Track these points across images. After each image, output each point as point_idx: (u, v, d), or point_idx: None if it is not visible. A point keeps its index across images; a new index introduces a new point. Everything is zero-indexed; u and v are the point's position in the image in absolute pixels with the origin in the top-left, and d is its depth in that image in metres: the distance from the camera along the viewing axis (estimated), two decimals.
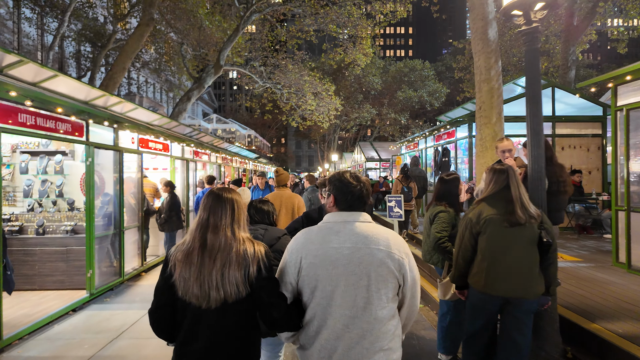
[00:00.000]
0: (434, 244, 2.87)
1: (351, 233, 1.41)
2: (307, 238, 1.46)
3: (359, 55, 15.54)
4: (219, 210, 1.45)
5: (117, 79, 11.83)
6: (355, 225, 1.44)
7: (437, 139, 9.12)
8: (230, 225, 1.44)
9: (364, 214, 1.50)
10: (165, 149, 7.04)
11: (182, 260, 1.39)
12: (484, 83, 5.68)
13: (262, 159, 30.45)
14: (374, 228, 1.45)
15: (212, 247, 1.40)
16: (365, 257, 1.37)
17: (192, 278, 1.36)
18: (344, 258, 1.37)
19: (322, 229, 1.46)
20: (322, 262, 1.38)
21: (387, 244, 1.40)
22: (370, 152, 17.38)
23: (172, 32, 15.82)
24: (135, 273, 5.80)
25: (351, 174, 1.55)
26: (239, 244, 1.41)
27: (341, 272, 1.37)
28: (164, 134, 6.61)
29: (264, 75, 16.17)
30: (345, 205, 1.49)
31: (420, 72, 31.85)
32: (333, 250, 1.39)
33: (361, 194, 1.49)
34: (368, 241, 1.40)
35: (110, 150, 5.23)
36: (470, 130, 7.34)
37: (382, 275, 1.37)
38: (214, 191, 1.51)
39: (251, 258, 1.39)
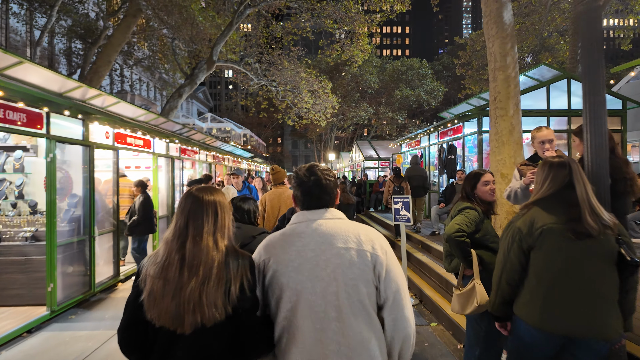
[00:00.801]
0: (448, 236, 2.25)
1: (315, 233, 1.25)
2: (269, 243, 1.30)
3: (357, 51, 15.15)
4: (199, 216, 1.23)
5: (102, 72, 11.18)
6: (319, 223, 1.27)
7: (442, 136, 8.56)
8: (213, 233, 1.23)
9: (330, 210, 1.31)
10: (147, 146, 6.41)
11: (156, 275, 1.17)
12: (499, 71, 5.11)
13: (257, 158, 29.90)
14: (343, 224, 1.27)
15: (192, 260, 1.18)
16: (331, 258, 1.20)
17: (166, 298, 1.15)
18: (307, 262, 1.21)
19: (286, 232, 1.30)
20: (285, 268, 1.22)
21: (358, 240, 1.23)
22: (369, 150, 16.80)
23: (164, 29, 15.23)
24: (109, 283, 5.17)
25: (311, 166, 1.37)
26: (221, 257, 1.20)
27: (306, 277, 1.20)
28: (143, 128, 5.98)
29: (259, 72, 15.73)
30: (305, 203, 1.32)
31: (418, 70, 31.62)
32: (295, 253, 1.23)
33: (321, 188, 1.31)
34: (334, 239, 1.23)
35: (78, 145, 4.60)
36: (479, 125, 6.78)
37: (352, 279, 1.19)
38: (192, 192, 1.29)
39: (234, 274, 1.18)
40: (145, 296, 1.16)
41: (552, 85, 6.81)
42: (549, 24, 14.14)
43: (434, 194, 9.13)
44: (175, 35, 15.45)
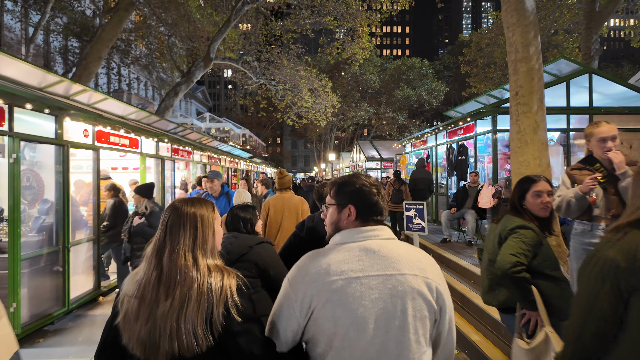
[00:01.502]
0: (503, 272, 1.74)
1: (377, 255, 1.05)
2: (317, 266, 1.06)
3: (358, 49, 14.81)
4: (176, 230, 1.09)
5: (92, 69, 10.66)
6: (382, 244, 1.07)
7: (451, 135, 8.05)
8: (192, 249, 1.07)
9: (386, 229, 1.13)
10: (134, 145, 5.89)
11: (132, 294, 1.05)
12: (520, 63, 4.60)
13: (256, 158, 29.44)
14: (402, 247, 1.09)
15: (168, 280, 1.04)
16: (398, 287, 1.01)
17: (140, 320, 1.01)
18: (371, 291, 1.01)
19: (338, 253, 1.07)
20: (343, 299, 1.00)
21: (421, 267, 1.05)
22: (371, 151, 16.29)
23: (161, 26, 14.89)
24: (88, 298, 4.65)
25: (367, 176, 1.20)
26: (201, 277, 1.04)
27: (369, 310, 1.00)
28: (127, 125, 5.46)
29: (257, 71, 15.37)
30: (367, 217, 1.12)
31: (419, 70, 31.46)
32: (357, 281, 1.01)
33: (380, 202, 1.14)
34: (400, 265, 1.04)
35: (50, 144, 4.08)
36: (494, 124, 6.27)
37: (419, 310, 1.01)
38: (173, 204, 1.16)
39: (216, 297, 1.02)
40: (121, 318, 1.05)
41: (571, 80, 6.31)
42: (556, 20, 13.66)
43: (442, 197, 8.62)
44: (172, 32, 15.13)
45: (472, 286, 4.26)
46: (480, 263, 2.22)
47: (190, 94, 43.85)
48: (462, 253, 5.46)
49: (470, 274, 4.49)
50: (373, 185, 1.16)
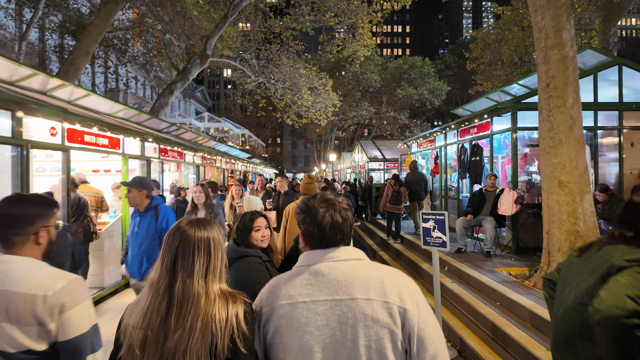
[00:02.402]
0: (607, 319, 1.12)
1: (327, 280, 0.97)
2: (272, 291, 1.03)
3: (359, 47, 14.43)
4: (189, 255, 1.04)
5: (79, 64, 10.05)
6: (332, 266, 0.99)
7: (462, 134, 7.45)
8: (205, 276, 1.04)
9: (346, 249, 1.04)
10: (114, 145, 5.29)
11: (137, 325, 0.99)
12: (552, 50, 4.00)
13: (255, 159, 28.89)
14: (362, 268, 0.99)
15: (180, 308, 0.99)
16: (348, 313, 0.93)
17: (147, 353, 0.96)
18: (318, 318, 0.94)
19: (291, 276, 1.03)
20: (290, 325, 0.95)
21: (382, 289, 0.94)
22: (373, 151, 15.67)
23: (158, 24, 14.50)
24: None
25: (321, 196, 1.10)
26: (209, 305, 0.99)
27: (315, 338, 0.93)
28: (101, 123, 4.87)
29: (256, 69, 14.95)
30: (316, 242, 1.05)
31: (421, 69, 31.09)
32: (303, 306, 0.96)
33: (334, 224, 1.04)
34: (352, 289, 0.95)
35: (4, 144, 3.48)
36: (514, 121, 5.67)
37: (375, 341, 0.90)
38: (182, 227, 1.07)
39: (221, 327, 0.96)
40: (124, 352, 0.99)
41: (599, 73, 5.71)
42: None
43: (452, 201, 8.01)
44: (168, 28, 14.73)
45: (500, 310, 3.65)
46: (549, 302, 1.60)
47: (190, 93, 43.47)
48: (482, 266, 4.86)
49: (496, 294, 3.89)
50: (321, 207, 1.06)
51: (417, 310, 0.93)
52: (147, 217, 2.95)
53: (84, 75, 23.92)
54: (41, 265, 1.25)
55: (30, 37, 15.06)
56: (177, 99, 41.35)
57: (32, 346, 1.14)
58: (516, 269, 4.72)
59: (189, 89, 44.05)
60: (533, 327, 3.18)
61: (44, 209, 1.31)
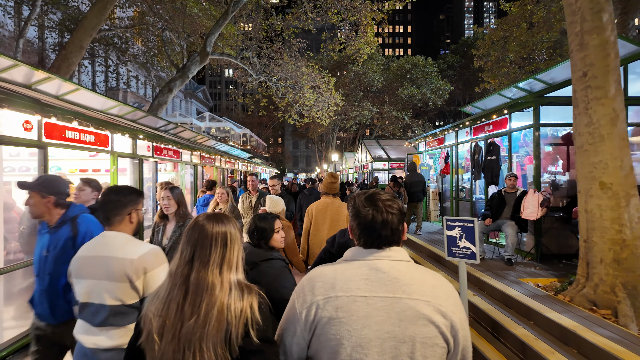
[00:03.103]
0: None
1: (385, 277, 1.00)
2: (323, 280, 1.03)
3: (362, 45, 14.12)
4: (206, 247, 1.10)
5: (72, 59, 9.61)
6: (392, 265, 1.02)
7: (476, 132, 6.99)
8: (220, 266, 1.09)
9: (400, 250, 1.07)
10: (102, 143, 4.85)
11: (156, 313, 1.05)
12: (590, 35, 3.53)
13: (257, 159, 28.49)
14: (415, 270, 1.03)
15: (195, 296, 1.04)
16: (407, 312, 0.95)
17: (165, 339, 1.01)
18: (377, 313, 0.96)
19: (345, 270, 1.03)
20: (348, 317, 0.97)
21: (435, 293, 0.98)
22: (377, 150, 15.19)
23: (159, 22, 14.20)
24: (20, 345, 3.56)
25: (371, 195, 1.11)
26: (225, 296, 1.05)
27: (374, 333, 0.95)
28: (82, 117, 4.43)
29: (257, 67, 14.64)
30: (365, 239, 1.07)
31: (423, 68, 30.76)
32: (363, 301, 0.98)
33: (392, 223, 1.05)
34: (410, 290, 0.98)
35: None
36: (536, 117, 5.20)
37: (430, 339, 0.95)
38: (200, 222, 1.14)
39: (236, 316, 1.02)
40: (144, 338, 1.06)
41: (629, 65, 5.24)
42: None
43: (464, 203, 7.54)
44: (168, 26, 14.46)
45: (536, 331, 3.18)
46: None
47: (191, 93, 43.21)
48: (505, 276, 4.39)
49: (528, 311, 3.42)
50: (377, 207, 1.07)
51: (459, 316, 0.98)
52: (60, 234, 2.02)
53: (83, 75, 23.63)
54: (132, 238, 1.65)
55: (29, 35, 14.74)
56: (178, 99, 41.04)
57: (126, 300, 1.53)
58: (543, 279, 4.25)
59: (191, 89, 43.78)
60: (580, 354, 2.72)
61: (134, 197, 1.72)
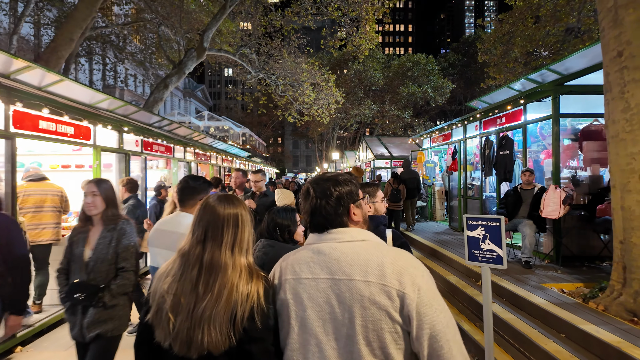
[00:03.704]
0: None
1: (329, 259, 1.00)
2: (282, 265, 1.10)
3: (363, 41, 13.79)
4: (218, 228, 1.11)
5: (61, 52, 9.20)
6: (334, 247, 1.02)
7: (487, 126, 6.58)
8: (232, 247, 1.11)
9: (350, 231, 1.05)
10: (83, 136, 4.45)
11: (168, 290, 1.07)
12: (626, 9, 3.12)
13: (256, 158, 28.08)
14: (363, 249, 1.00)
15: (208, 275, 1.07)
16: (345, 294, 0.95)
17: (181, 317, 1.04)
18: (319, 294, 0.98)
19: (296, 254, 1.09)
20: (295, 298, 1.01)
21: (381, 272, 0.94)
22: (379, 148, 14.77)
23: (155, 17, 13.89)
24: None
25: (318, 177, 1.13)
26: (236, 276, 1.07)
27: (316, 314, 0.97)
28: (54, 104, 4.04)
29: (256, 64, 14.31)
30: (311, 223, 1.09)
31: (424, 66, 30.40)
32: (306, 282, 1.01)
33: (319, 206, 1.06)
34: (351, 270, 0.96)
35: None
36: (555, 107, 4.79)
37: (373, 322, 0.92)
38: (210, 203, 1.16)
39: (242, 299, 1.04)
40: (152, 314, 1.08)
41: None
42: None
43: (472, 201, 7.13)
44: (165, 22, 14.15)
45: (569, 346, 2.77)
46: None
47: (190, 92, 42.91)
48: (525, 281, 3.99)
49: (558, 323, 3.01)
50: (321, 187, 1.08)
51: (417, 295, 0.91)
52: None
53: (80, 72, 23.27)
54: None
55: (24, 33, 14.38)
56: (177, 98, 40.70)
57: None
58: (568, 284, 3.85)
59: (190, 88, 43.47)
60: None
61: (206, 186, 2.05)
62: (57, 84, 4.63)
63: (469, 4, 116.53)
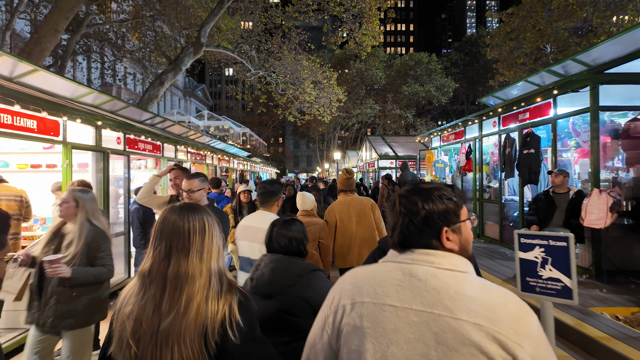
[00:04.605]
0: None
1: (422, 286, 0.79)
2: (354, 282, 0.88)
3: (365, 37, 13.28)
4: (182, 238, 1.00)
5: (45, 44, 8.60)
6: (432, 272, 0.80)
7: (506, 122, 5.96)
8: (200, 257, 1.01)
9: (450, 256, 0.82)
10: (50, 131, 3.84)
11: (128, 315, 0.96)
12: None
13: (256, 158, 27.53)
14: (465, 283, 0.78)
15: (174, 289, 0.96)
16: (447, 334, 0.74)
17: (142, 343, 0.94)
18: (409, 329, 0.77)
19: (377, 272, 0.86)
20: (373, 328, 0.80)
21: (494, 315, 0.73)
22: (383, 147, 14.16)
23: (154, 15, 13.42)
24: None
25: (414, 186, 0.91)
26: (203, 286, 0.97)
27: (403, 353, 0.77)
28: (8, 93, 3.43)
29: (256, 61, 13.80)
30: (397, 240, 0.87)
31: (427, 65, 29.89)
32: (391, 311, 0.80)
33: (401, 224, 0.86)
34: (454, 306, 0.75)
35: None
36: (594, 98, 4.17)
37: None
38: (169, 215, 1.04)
39: (212, 312, 0.95)
40: (115, 345, 0.97)
41: None
42: None
43: (490, 206, 6.50)
44: (161, 17, 13.64)
45: None
46: None
47: (190, 92, 42.49)
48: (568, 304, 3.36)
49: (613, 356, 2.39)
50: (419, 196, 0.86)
51: (535, 350, 0.71)
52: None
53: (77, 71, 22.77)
54: (274, 215, 2.19)
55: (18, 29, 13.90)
56: (177, 97, 40.22)
57: None
58: (621, 308, 3.23)
59: (190, 88, 43.03)
60: None
61: (280, 187, 2.39)
62: (30, 75, 4.05)
63: (470, 3, 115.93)
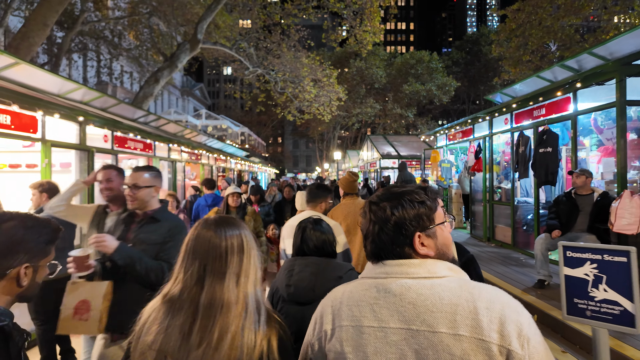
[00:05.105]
0: None
1: (400, 302, 0.75)
2: (334, 306, 0.83)
3: (367, 34, 12.97)
4: (221, 257, 0.88)
5: (33, 38, 8.25)
6: (406, 285, 0.75)
7: (520, 119, 5.62)
8: (237, 282, 0.88)
9: (426, 263, 0.77)
10: (26, 127, 3.49)
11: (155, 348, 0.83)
12: None
13: (255, 158, 27.17)
14: (447, 291, 0.73)
15: (207, 320, 0.84)
16: (428, 350, 0.70)
17: None
18: (389, 350, 0.73)
19: (354, 291, 0.82)
20: (354, 353, 0.76)
21: (475, 322, 0.69)
22: (385, 147, 13.81)
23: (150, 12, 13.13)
24: None
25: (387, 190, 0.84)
26: (239, 313, 0.85)
27: None
28: None
29: (254, 59, 13.49)
30: (370, 250, 0.82)
31: (428, 64, 29.60)
32: (370, 332, 0.76)
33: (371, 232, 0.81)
34: (433, 319, 0.71)
35: None
36: (621, 91, 3.82)
37: None
38: (203, 230, 0.90)
39: (248, 348, 0.83)
40: None
41: None
42: None
43: (501, 208, 6.15)
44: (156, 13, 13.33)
45: None
46: None
47: (188, 91, 42.15)
48: None
49: None
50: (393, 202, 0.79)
51: (526, 352, 0.67)
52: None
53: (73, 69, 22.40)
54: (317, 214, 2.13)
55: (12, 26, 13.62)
56: (174, 96, 39.85)
57: None
58: None
59: (188, 87, 42.68)
60: None
61: (326, 193, 2.49)
62: (11, 68, 3.72)
63: (471, 2, 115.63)
